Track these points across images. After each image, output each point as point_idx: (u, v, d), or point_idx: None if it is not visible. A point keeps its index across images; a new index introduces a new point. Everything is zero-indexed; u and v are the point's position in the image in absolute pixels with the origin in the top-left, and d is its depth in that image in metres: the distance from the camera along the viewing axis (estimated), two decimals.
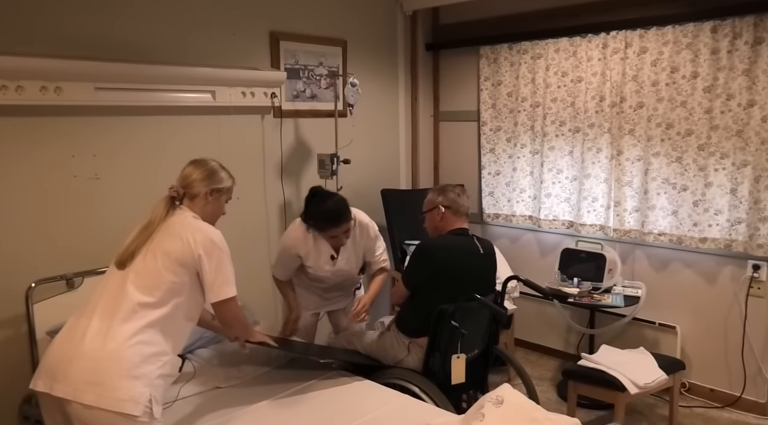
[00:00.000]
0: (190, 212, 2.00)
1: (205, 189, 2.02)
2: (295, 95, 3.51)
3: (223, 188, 2.08)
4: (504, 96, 3.93)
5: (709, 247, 3.21)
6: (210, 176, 2.05)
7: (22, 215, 2.53)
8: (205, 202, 2.03)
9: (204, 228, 1.93)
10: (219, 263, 1.87)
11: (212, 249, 1.86)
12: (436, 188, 2.62)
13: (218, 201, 2.08)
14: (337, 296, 2.87)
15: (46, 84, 2.47)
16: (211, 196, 2.04)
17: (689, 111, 3.20)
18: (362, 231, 2.65)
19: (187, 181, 2.03)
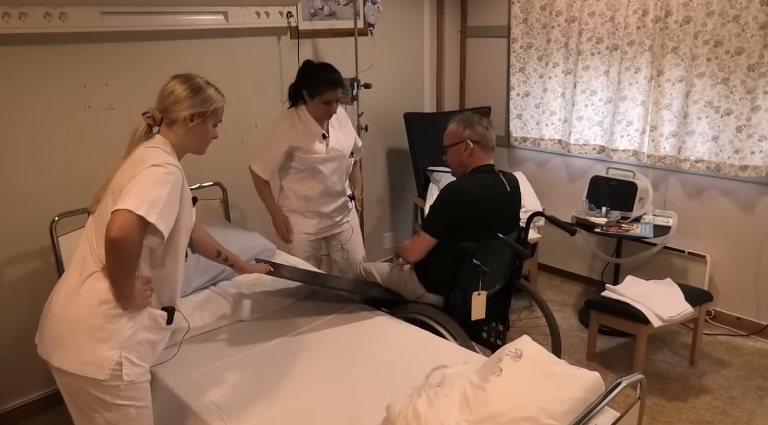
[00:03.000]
0: (162, 141, 1.66)
1: (186, 113, 1.65)
2: (313, 13, 3.30)
3: (208, 112, 1.69)
4: (537, 9, 3.64)
5: (750, 175, 3.05)
6: (192, 95, 1.66)
7: (38, 148, 2.50)
8: (185, 129, 1.66)
9: (149, 156, 1.56)
10: (141, 178, 1.50)
11: (143, 169, 1.51)
12: (461, 119, 2.43)
13: (203, 127, 1.70)
14: (333, 206, 2.81)
15: (50, 10, 2.35)
16: (192, 121, 1.66)
17: (742, 26, 2.91)
18: (342, 115, 2.78)
19: (165, 103, 1.67)
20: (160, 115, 1.67)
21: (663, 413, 2.58)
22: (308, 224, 2.84)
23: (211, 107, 1.69)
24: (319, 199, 2.78)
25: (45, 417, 2.66)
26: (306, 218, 2.83)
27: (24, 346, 2.59)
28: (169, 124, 1.67)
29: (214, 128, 1.75)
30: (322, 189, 2.76)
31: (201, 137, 1.73)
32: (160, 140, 1.66)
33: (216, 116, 1.73)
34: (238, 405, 1.86)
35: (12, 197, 2.46)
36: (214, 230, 2.82)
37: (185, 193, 1.63)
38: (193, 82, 1.68)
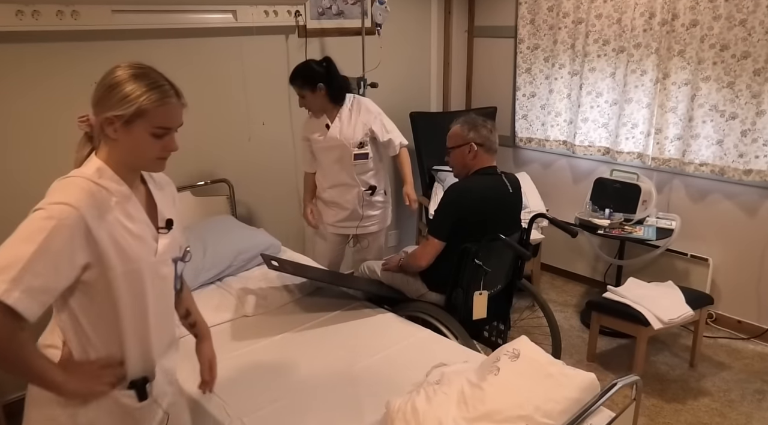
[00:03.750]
0: (94, 162, 1.26)
1: (100, 118, 1.22)
2: (321, 12, 3.33)
3: (125, 115, 1.20)
4: (544, 10, 3.65)
5: (754, 179, 3.05)
6: (103, 95, 1.21)
7: (52, 143, 2.55)
8: (108, 138, 1.24)
9: (52, 195, 1.19)
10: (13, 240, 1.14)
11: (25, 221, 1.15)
12: (465, 121, 2.45)
13: (130, 135, 1.22)
14: (342, 196, 2.88)
15: (62, 8, 2.39)
16: (109, 126, 1.22)
17: (748, 31, 2.92)
18: (358, 107, 2.81)
19: (93, 102, 1.24)
20: (97, 120, 1.24)
21: (661, 414, 2.60)
22: (328, 213, 2.97)
23: (133, 108, 1.20)
24: (328, 189, 2.91)
25: None
26: (326, 208, 2.97)
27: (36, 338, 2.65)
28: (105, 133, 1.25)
29: (156, 137, 1.24)
30: (328, 177, 2.89)
31: (135, 149, 1.25)
32: (91, 162, 1.26)
33: (150, 118, 1.22)
34: (242, 399, 1.90)
35: (21, 193, 2.50)
36: (222, 226, 2.88)
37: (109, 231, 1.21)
38: (124, 73, 1.22)
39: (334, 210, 2.93)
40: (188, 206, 2.97)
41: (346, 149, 2.79)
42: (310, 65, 2.71)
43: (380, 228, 3.02)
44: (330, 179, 2.89)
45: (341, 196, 2.89)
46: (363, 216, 2.92)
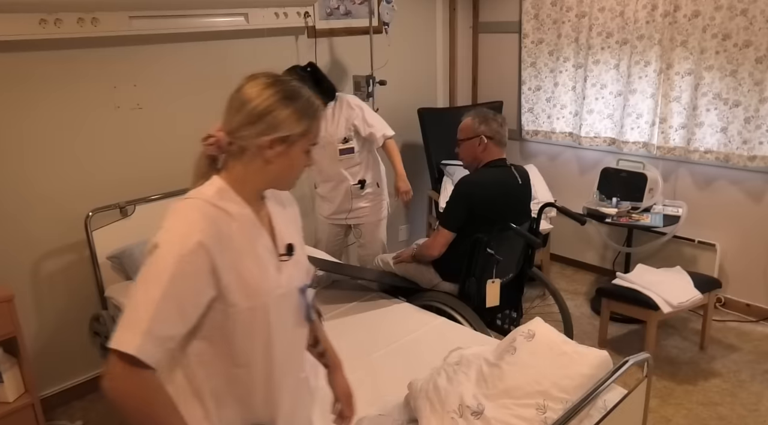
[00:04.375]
0: (217, 184, 1.14)
1: (260, 141, 1.11)
2: (329, 13, 3.41)
3: (292, 136, 1.13)
4: (548, 5, 3.72)
5: (758, 165, 3.11)
6: (255, 118, 1.11)
7: (73, 148, 2.64)
8: (252, 159, 1.13)
9: (167, 223, 1.08)
10: (138, 282, 1.04)
11: (147, 260, 1.05)
12: (476, 115, 2.51)
13: (287, 156, 1.14)
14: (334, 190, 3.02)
15: (83, 15, 2.48)
16: (269, 149, 1.12)
17: (750, 20, 2.97)
18: (341, 105, 2.91)
19: (233, 123, 1.12)
20: (228, 139, 1.13)
21: (673, 395, 2.67)
22: (323, 207, 3.11)
23: (301, 128, 1.13)
24: (322, 183, 3.06)
25: (83, 401, 2.81)
26: (322, 201, 3.10)
27: (61, 335, 2.75)
28: (237, 152, 1.13)
29: (307, 154, 1.17)
30: (321, 173, 3.03)
31: (285, 169, 1.15)
32: (211, 183, 1.14)
33: (309, 138, 1.15)
34: None
35: (49, 193, 2.60)
36: None
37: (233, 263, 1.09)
38: (278, 88, 1.12)
39: (327, 204, 3.09)
40: None
41: (332, 146, 2.92)
42: (295, 71, 2.81)
43: (375, 219, 3.12)
44: (323, 175, 3.04)
45: (333, 189, 3.04)
46: (352, 208, 3.04)
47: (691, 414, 2.54)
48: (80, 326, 2.79)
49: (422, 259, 2.58)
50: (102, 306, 2.78)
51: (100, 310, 2.76)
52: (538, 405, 1.48)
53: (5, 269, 2.50)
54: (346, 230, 3.20)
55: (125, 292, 2.64)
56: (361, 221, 3.10)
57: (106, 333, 2.68)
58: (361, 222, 3.11)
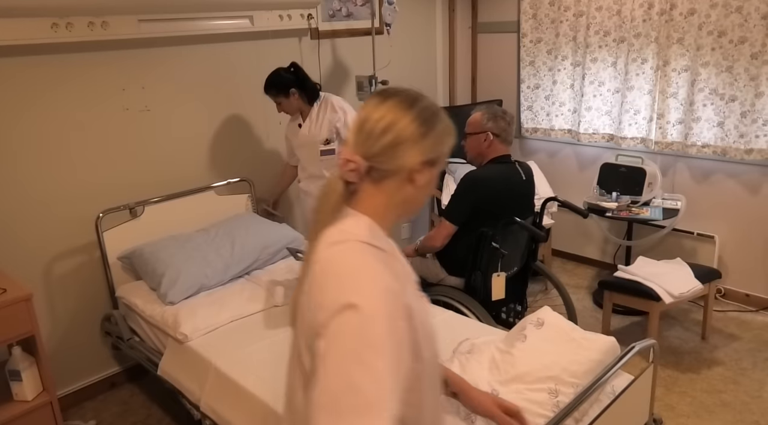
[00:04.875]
0: (357, 219, 1.02)
1: (415, 161, 1.01)
2: (331, 15, 3.46)
3: (435, 158, 1.04)
4: (546, 5, 3.78)
5: (755, 158, 3.18)
6: (426, 129, 1.02)
7: (83, 149, 2.68)
8: (399, 185, 1.03)
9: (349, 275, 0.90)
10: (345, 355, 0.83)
11: (339, 325, 0.85)
12: (486, 111, 2.55)
13: (426, 180, 1.04)
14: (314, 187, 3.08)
15: (94, 19, 2.52)
16: (419, 174, 1.02)
17: (744, 17, 3.04)
18: (326, 106, 2.99)
19: (374, 147, 1.00)
20: (367, 164, 1.00)
21: (677, 384, 2.72)
22: (308, 201, 3.18)
23: (448, 146, 1.07)
24: (304, 180, 3.13)
25: (95, 402, 2.84)
26: (306, 197, 3.17)
27: (73, 335, 2.78)
28: (378, 178, 1.02)
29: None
30: (304, 169, 3.11)
31: (423, 194, 1.06)
32: (357, 219, 1.02)
33: (446, 157, 1.08)
34: (283, 380, 2.02)
35: (60, 194, 2.64)
36: (247, 223, 3.00)
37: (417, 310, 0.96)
38: (421, 106, 1.03)
39: (310, 199, 3.16)
40: (212, 205, 3.11)
41: (314, 146, 3.00)
42: (279, 73, 2.88)
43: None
44: (305, 172, 3.13)
45: (312, 185, 3.12)
46: None
47: (695, 401, 2.60)
48: (91, 326, 2.83)
49: (425, 251, 2.63)
50: (113, 306, 2.82)
51: (111, 310, 2.80)
52: (549, 390, 1.53)
53: (18, 270, 2.54)
54: None
55: (135, 292, 2.69)
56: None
57: (118, 332, 2.72)
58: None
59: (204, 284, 2.60)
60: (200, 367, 2.21)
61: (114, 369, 2.94)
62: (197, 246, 2.74)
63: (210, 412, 2.11)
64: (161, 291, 2.51)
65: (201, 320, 2.38)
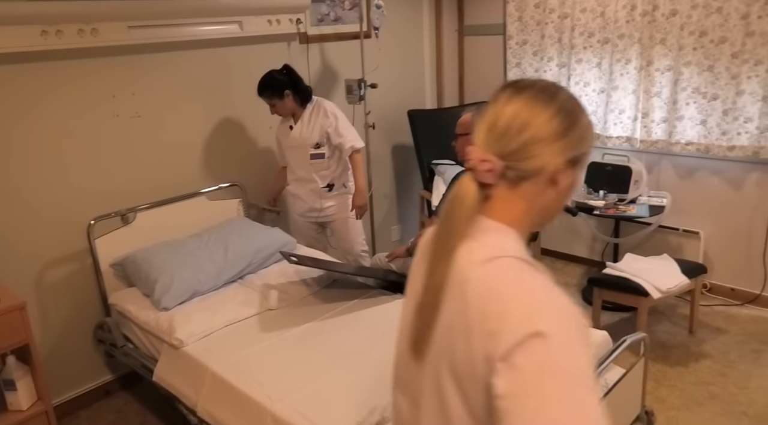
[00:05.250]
0: (503, 229, 0.91)
1: (559, 159, 0.90)
2: (320, 19, 3.49)
3: (588, 151, 0.95)
4: (531, 7, 3.83)
5: (737, 154, 3.24)
6: (569, 125, 0.90)
7: (74, 156, 2.67)
8: (540, 189, 0.91)
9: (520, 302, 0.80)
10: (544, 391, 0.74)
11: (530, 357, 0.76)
12: (476, 112, 2.58)
13: (570, 182, 0.93)
14: (302, 189, 3.16)
15: (83, 26, 2.52)
16: (562, 174, 0.91)
17: (725, 17, 3.11)
18: (318, 110, 3.03)
19: (510, 145, 0.89)
20: (503, 163, 0.89)
21: (666, 377, 2.77)
22: (296, 204, 3.23)
23: (593, 141, 0.96)
24: (293, 182, 3.18)
25: (89, 410, 2.83)
26: (294, 199, 3.22)
27: (66, 344, 2.77)
28: (516, 181, 0.90)
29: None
30: (293, 172, 3.16)
31: (564, 199, 0.95)
32: (502, 231, 0.90)
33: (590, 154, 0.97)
34: (279, 382, 2.03)
35: (51, 201, 2.63)
36: (239, 227, 3.01)
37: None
38: (562, 99, 0.91)
39: (298, 202, 3.21)
40: (204, 210, 3.11)
41: (304, 149, 3.04)
42: (273, 76, 2.93)
43: (344, 215, 3.20)
44: (294, 174, 3.17)
45: (301, 188, 3.16)
46: (322, 207, 3.16)
47: (684, 394, 2.65)
48: (84, 334, 2.82)
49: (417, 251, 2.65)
50: (106, 313, 2.81)
51: (103, 317, 2.80)
52: None
53: (9, 278, 2.52)
54: (320, 227, 3.31)
55: (128, 299, 2.68)
56: (331, 218, 3.22)
57: (111, 340, 2.72)
58: (331, 220, 3.23)
59: (198, 290, 2.60)
60: (196, 372, 2.21)
61: (108, 376, 2.93)
62: (190, 252, 2.74)
63: (207, 416, 2.12)
64: (155, 297, 2.51)
65: (196, 325, 2.38)
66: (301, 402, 1.90)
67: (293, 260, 2.62)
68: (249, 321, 2.51)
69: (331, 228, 3.29)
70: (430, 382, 0.88)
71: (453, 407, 0.83)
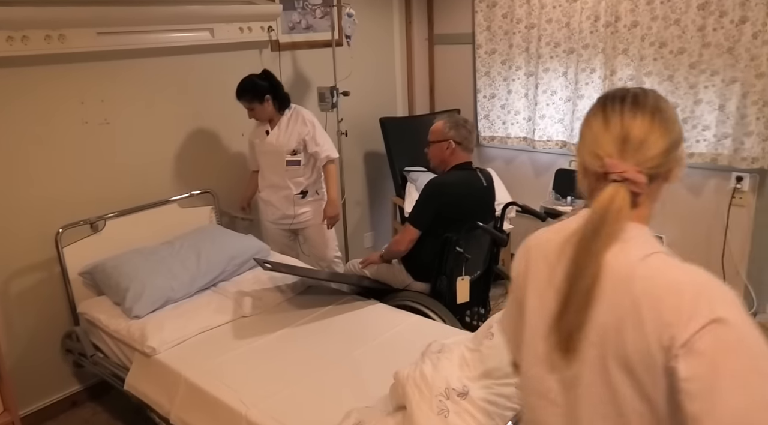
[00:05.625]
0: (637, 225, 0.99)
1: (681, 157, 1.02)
2: (291, 27, 3.51)
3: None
4: (499, 17, 3.92)
5: (696, 161, 3.37)
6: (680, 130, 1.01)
7: (41, 164, 2.63)
8: (660, 186, 1.02)
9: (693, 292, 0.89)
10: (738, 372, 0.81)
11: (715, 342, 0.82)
12: (448, 120, 2.63)
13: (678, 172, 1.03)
14: (275, 196, 3.15)
15: (50, 32, 2.49)
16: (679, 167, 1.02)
17: (682, 29, 3.24)
18: (296, 118, 3.06)
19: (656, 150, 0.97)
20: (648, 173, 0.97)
21: None
22: (268, 211, 3.22)
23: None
24: (265, 188, 3.18)
25: (56, 422, 2.77)
26: (266, 206, 3.22)
27: (32, 355, 2.71)
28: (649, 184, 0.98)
29: None
30: (265, 178, 3.16)
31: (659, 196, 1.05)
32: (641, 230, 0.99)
33: None
34: (254, 389, 2.03)
35: (18, 209, 2.58)
36: (212, 235, 3.00)
37: None
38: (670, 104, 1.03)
39: (270, 209, 3.21)
40: (176, 218, 3.09)
41: (280, 155, 3.05)
42: (253, 80, 2.94)
43: (318, 221, 3.20)
44: (266, 181, 3.16)
45: (274, 195, 3.16)
46: (295, 214, 3.16)
47: None
48: (51, 344, 2.76)
49: (391, 256, 2.69)
50: (74, 322, 2.76)
51: (72, 327, 2.75)
52: (517, 384, 1.60)
53: None
54: (292, 233, 3.31)
55: (98, 307, 2.64)
56: (304, 224, 3.22)
57: (80, 349, 2.67)
58: (305, 226, 3.23)
59: (170, 297, 2.58)
60: (170, 380, 2.19)
61: (75, 387, 2.88)
62: (162, 259, 2.72)
63: (180, 424, 2.10)
64: (126, 305, 2.48)
65: (168, 333, 2.36)
66: (275, 408, 1.91)
67: (267, 266, 2.62)
68: (223, 328, 2.50)
69: (303, 235, 3.29)
70: (593, 377, 0.94)
71: (625, 396, 0.90)
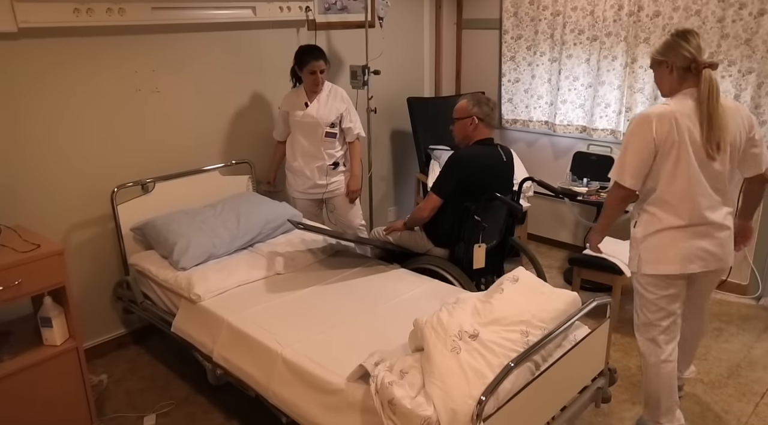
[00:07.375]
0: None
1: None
2: (327, 8, 3.71)
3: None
4: (526, 4, 4.07)
5: None
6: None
7: (99, 127, 2.89)
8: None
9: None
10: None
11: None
12: (471, 98, 2.82)
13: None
14: (309, 166, 3.32)
15: (112, 6, 2.74)
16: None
17: (702, 20, 3.37)
18: (335, 94, 3.28)
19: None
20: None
21: (634, 350, 3.05)
22: (298, 182, 3.40)
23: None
24: (299, 158, 3.34)
25: (104, 359, 3.06)
26: (296, 177, 3.39)
27: (85, 300, 3.00)
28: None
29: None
30: (298, 149, 3.31)
31: None
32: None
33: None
34: (288, 332, 2.27)
35: (78, 169, 2.85)
36: (250, 200, 3.24)
37: None
38: None
39: (301, 179, 3.38)
40: (217, 184, 3.34)
41: (319, 127, 3.25)
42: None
43: (345, 193, 3.45)
44: (300, 151, 3.33)
45: (308, 166, 3.34)
46: (328, 183, 3.37)
47: None
48: (103, 292, 3.05)
49: (414, 223, 2.90)
50: (125, 273, 3.04)
51: (123, 276, 3.03)
52: (521, 331, 1.83)
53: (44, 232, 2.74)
54: (319, 204, 3.51)
55: (148, 260, 2.91)
56: (333, 194, 3.43)
57: (131, 296, 2.95)
58: (334, 195, 3.44)
59: (212, 254, 2.84)
60: (213, 323, 2.45)
61: (121, 330, 3.17)
62: (205, 219, 2.97)
63: (222, 361, 2.37)
64: (174, 258, 2.75)
65: (212, 283, 2.62)
66: (307, 348, 2.15)
67: (300, 226, 2.86)
68: (259, 283, 2.75)
69: (333, 204, 3.51)
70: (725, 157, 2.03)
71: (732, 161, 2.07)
